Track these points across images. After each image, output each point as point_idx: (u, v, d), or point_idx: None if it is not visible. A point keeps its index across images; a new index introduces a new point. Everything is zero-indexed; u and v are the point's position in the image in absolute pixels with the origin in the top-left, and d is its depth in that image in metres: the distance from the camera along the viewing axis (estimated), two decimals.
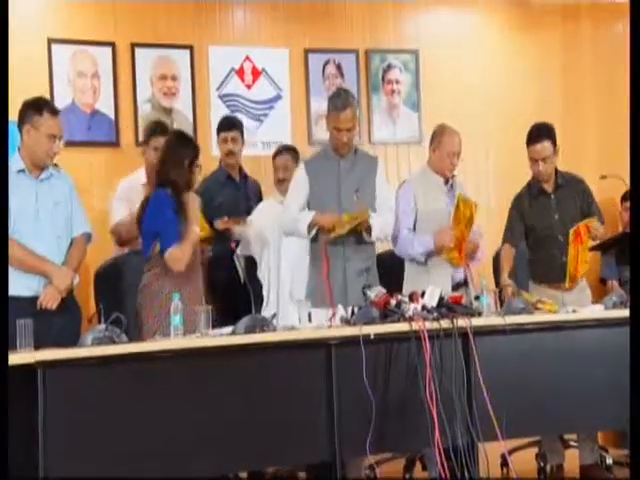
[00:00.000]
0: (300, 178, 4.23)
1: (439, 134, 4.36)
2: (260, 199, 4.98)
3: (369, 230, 4.09)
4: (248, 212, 4.78)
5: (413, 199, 4.33)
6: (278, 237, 4.53)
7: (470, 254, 4.29)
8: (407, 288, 4.11)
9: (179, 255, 3.78)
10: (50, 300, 3.70)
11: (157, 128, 4.70)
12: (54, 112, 3.80)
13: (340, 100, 4.18)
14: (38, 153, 3.78)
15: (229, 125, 4.93)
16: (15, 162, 3.79)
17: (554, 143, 4.45)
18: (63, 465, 2.99)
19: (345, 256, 4.12)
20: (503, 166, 6.02)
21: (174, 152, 3.90)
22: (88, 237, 4.01)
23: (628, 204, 5.76)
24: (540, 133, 4.44)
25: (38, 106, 3.77)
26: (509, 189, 4.80)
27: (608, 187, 5.90)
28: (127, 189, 4.65)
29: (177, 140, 3.99)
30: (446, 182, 4.39)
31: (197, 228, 3.88)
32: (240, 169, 4.96)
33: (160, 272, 3.82)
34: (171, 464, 3.17)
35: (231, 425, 3.27)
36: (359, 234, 4.11)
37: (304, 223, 4.09)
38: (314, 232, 4.11)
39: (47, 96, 4.81)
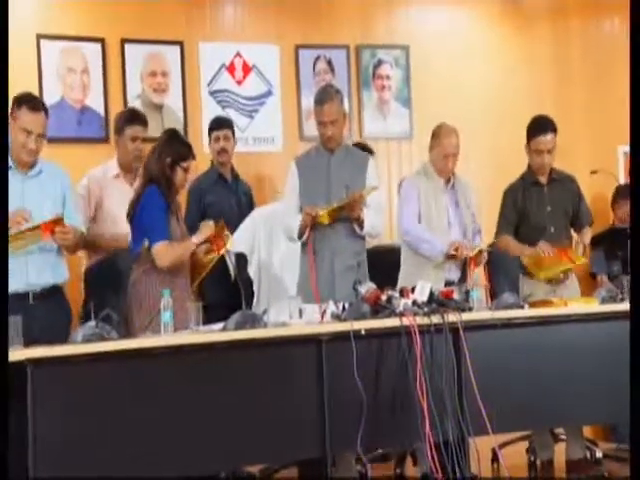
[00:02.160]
0: (292, 176, 4.26)
1: (436, 135, 4.38)
2: (251, 200, 5.00)
3: (361, 223, 4.11)
4: (238, 211, 4.80)
5: (417, 196, 4.34)
6: (268, 234, 4.54)
7: (477, 261, 4.29)
8: (402, 284, 4.09)
9: (165, 251, 3.80)
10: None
11: (132, 117, 4.66)
12: (34, 108, 3.75)
13: (322, 94, 4.24)
14: (14, 147, 3.76)
15: (220, 124, 4.97)
16: None
17: (555, 135, 4.52)
18: (53, 464, 2.98)
19: (333, 251, 4.15)
20: (494, 161, 6.04)
21: (159, 149, 3.91)
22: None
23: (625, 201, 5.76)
24: (545, 125, 4.51)
25: (18, 101, 3.77)
26: (500, 184, 4.83)
27: (598, 182, 5.93)
28: (96, 181, 4.57)
29: (166, 138, 3.98)
30: (447, 182, 4.41)
31: (195, 240, 3.90)
32: (232, 169, 4.98)
33: (149, 269, 3.84)
34: (160, 462, 3.16)
35: (221, 421, 3.26)
36: (353, 220, 4.10)
37: (295, 230, 4.14)
38: (305, 237, 4.14)
39: (36, 92, 4.81)
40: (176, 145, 3.94)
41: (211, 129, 4.99)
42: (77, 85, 5.36)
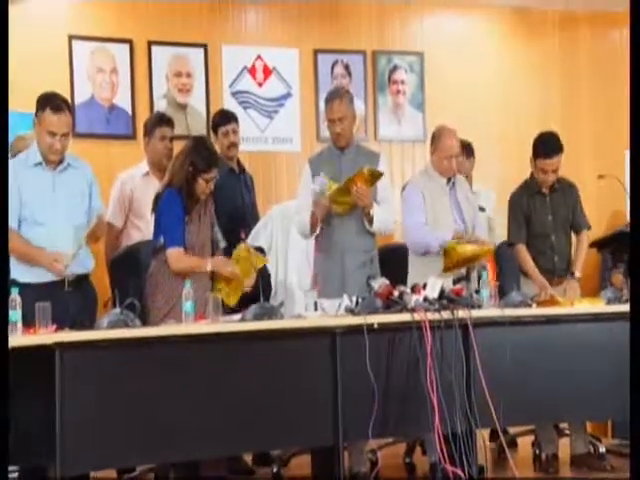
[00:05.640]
0: (305, 175, 4.31)
1: (437, 137, 4.40)
2: (253, 190, 5.04)
3: (370, 219, 4.14)
4: (250, 202, 4.90)
5: (421, 197, 4.36)
6: (285, 230, 4.65)
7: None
8: (411, 281, 4.10)
9: (177, 258, 3.83)
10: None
11: (161, 119, 4.81)
12: (57, 109, 3.76)
13: (331, 94, 4.31)
14: (42, 147, 3.83)
15: (227, 118, 4.94)
16: (33, 155, 3.87)
17: (561, 154, 4.56)
18: (79, 443, 3.09)
19: (343, 248, 4.17)
20: (504, 165, 6.11)
21: (183, 157, 3.92)
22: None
23: None
24: (552, 147, 4.52)
25: (43, 102, 3.79)
26: (511, 188, 4.90)
27: (605, 187, 6.02)
28: (124, 182, 4.74)
29: (192, 146, 3.96)
30: (448, 181, 4.43)
31: (208, 266, 3.85)
32: (238, 161, 5.00)
33: (166, 261, 3.88)
34: (177, 446, 3.27)
35: (238, 408, 3.36)
36: (363, 215, 4.13)
37: (307, 224, 4.18)
38: (317, 231, 4.19)
39: (67, 90, 4.93)
40: (200, 156, 3.90)
41: (218, 125, 4.92)
42: (106, 84, 5.50)
